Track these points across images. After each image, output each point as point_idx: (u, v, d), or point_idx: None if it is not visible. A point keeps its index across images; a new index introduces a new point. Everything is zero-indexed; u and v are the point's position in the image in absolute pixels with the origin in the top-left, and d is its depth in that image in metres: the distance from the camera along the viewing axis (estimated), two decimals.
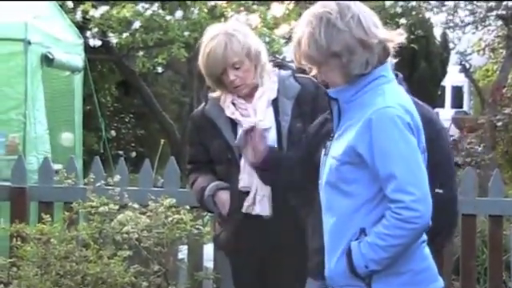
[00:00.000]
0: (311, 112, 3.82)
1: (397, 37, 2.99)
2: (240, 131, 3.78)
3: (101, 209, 4.69)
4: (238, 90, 3.92)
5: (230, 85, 3.91)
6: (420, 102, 3.25)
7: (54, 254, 4.22)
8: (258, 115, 3.91)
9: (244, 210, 3.91)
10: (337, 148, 2.95)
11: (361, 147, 2.87)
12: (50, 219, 4.35)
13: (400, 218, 2.82)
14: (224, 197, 3.95)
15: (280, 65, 4.09)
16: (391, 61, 3.03)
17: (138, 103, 15.11)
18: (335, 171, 2.93)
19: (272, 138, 3.91)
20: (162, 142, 8.04)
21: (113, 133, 14.25)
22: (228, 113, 3.93)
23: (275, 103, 3.95)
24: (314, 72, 3.02)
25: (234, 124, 3.94)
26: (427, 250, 2.99)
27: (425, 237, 2.96)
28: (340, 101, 2.96)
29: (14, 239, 4.27)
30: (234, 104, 3.95)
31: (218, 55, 3.86)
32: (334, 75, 2.97)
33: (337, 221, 2.96)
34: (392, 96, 2.93)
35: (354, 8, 2.94)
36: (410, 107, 2.95)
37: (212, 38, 3.91)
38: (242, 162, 3.90)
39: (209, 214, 5.14)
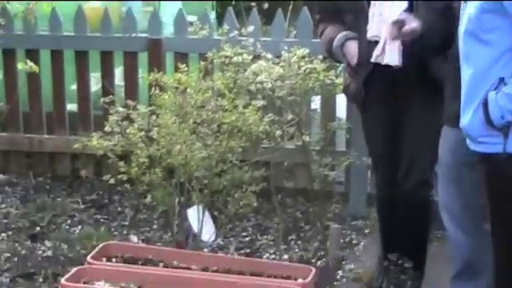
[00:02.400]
0: None
1: None
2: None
3: (235, 59, 4.75)
4: None
5: None
6: None
7: (191, 103, 4.32)
8: None
9: (373, 59, 3.88)
10: None
11: None
12: (186, 69, 4.44)
13: None
14: (353, 47, 3.92)
15: None
16: None
17: None
18: (475, 19, 2.87)
19: None
20: None
21: None
22: None
23: None
24: None
25: None
26: None
27: None
28: None
29: (153, 88, 4.39)
30: None
31: None
32: None
33: (475, 71, 2.92)
34: None
35: None
36: None
37: None
38: (371, 11, 3.84)
39: (341, 64, 5.15)
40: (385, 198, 4.24)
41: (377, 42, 3.87)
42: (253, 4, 6.81)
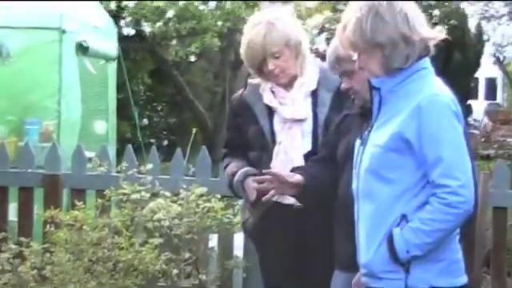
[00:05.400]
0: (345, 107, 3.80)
1: (438, 34, 3.05)
2: None
3: (133, 196, 4.74)
4: (277, 79, 3.92)
5: (270, 74, 3.91)
6: None
7: (87, 241, 4.27)
8: (295, 105, 3.93)
9: (275, 198, 3.92)
10: (379, 136, 2.98)
11: (408, 133, 2.91)
12: (83, 206, 4.40)
13: (445, 202, 2.86)
14: (252, 183, 3.96)
15: (323, 56, 4.09)
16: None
17: (171, 92, 15.18)
18: (378, 158, 2.96)
19: (307, 129, 3.92)
20: (193, 131, 8.08)
21: (145, 121, 14.32)
22: (266, 100, 3.94)
23: (314, 94, 3.95)
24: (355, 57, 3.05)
25: (270, 111, 3.96)
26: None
27: (457, 229, 2.98)
28: (382, 90, 3.00)
29: (48, 225, 4.32)
30: (272, 92, 3.96)
31: (257, 45, 3.86)
32: (373, 65, 3.01)
33: (377, 208, 2.98)
34: (437, 86, 3.00)
35: (402, 3, 3.00)
36: (454, 98, 3.01)
37: (253, 27, 3.91)
38: (276, 149, 3.91)
39: (239, 202, 5.18)
40: None
41: None
42: (152, 141, 6.85)
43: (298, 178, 3.64)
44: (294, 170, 3.72)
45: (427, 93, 2.94)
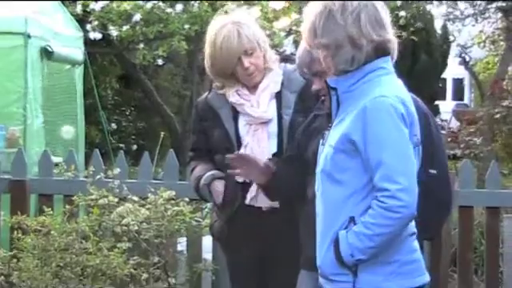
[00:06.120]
0: (314, 108, 3.82)
1: (392, 38, 3.03)
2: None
3: (100, 201, 4.73)
4: (251, 78, 3.92)
5: (245, 72, 3.89)
6: (413, 96, 3.28)
7: (54, 246, 4.25)
8: (260, 107, 3.94)
9: (248, 201, 3.92)
10: (333, 136, 2.99)
11: (354, 134, 2.91)
12: (51, 212, 4.38)
13: (384, 206, 2.85)
14: (219, 186, 3.97)
15: (287, 58, 4.11)
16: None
17: (139, 96, 15.14)
18: (330, 159, 2.97)
19: (273, 130, 3.93)
20: (162, 135, 8.06)
21: (113, 126, 14.27)
22: (232, 99, 3.94)
23: (278, 96, 3.96)
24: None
25: (235, 114, 3.96)
26: (416, 244, 3.01)
27: (414, 230, 2.99)
28: (339, 90, 3.00)
29: (15, 231, 4.30)
30: (238, 94, 3.97)
31: (233, 43, 3.85)
32: (328, 64, 3.02)
33: (327, 209, 2.99)
34: (389, 87, 2.97)
35: (357, 3, 2.97)
36: (407, 100, 2.99)
37: (221, 28, 3.90)
38: (242, 152, 3.92)
39: (207, 205, 5.18)
40: None
41: (245, 182, 3.93)
42: (121, 145, 6.83)
43: (269, 162, 3.63)
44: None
45: (375, 94, 2.92)
